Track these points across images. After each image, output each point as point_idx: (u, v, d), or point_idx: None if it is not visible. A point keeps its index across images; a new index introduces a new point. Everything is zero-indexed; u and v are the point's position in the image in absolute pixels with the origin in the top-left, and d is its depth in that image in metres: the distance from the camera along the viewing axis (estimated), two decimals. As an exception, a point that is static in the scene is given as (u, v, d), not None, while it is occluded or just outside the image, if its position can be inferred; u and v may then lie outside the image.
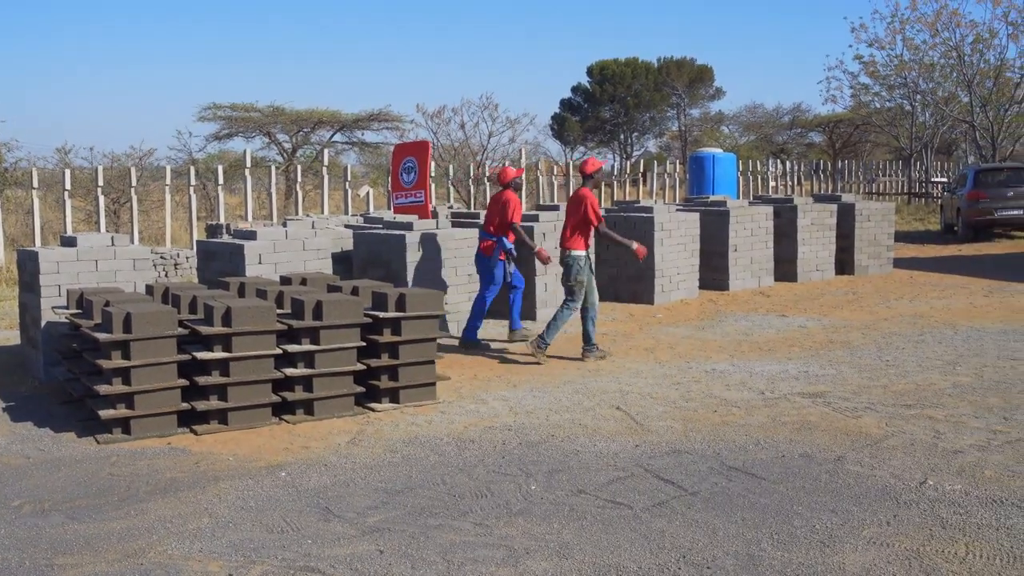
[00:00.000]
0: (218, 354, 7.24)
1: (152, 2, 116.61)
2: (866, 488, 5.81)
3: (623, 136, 61.65)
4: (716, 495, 5.73)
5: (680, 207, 15.69)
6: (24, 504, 5.80)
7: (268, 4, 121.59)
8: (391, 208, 15.14)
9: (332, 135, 35.52)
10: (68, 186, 17.99)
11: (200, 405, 7.23)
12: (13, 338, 11.05)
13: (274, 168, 23.48)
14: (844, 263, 16.85)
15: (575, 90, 62.74)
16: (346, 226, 13.24)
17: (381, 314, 7.89)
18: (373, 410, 7.85)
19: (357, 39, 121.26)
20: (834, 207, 16.63)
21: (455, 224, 12.60)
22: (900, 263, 18.15)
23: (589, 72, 61.47)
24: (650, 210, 13.97)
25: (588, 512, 5.48)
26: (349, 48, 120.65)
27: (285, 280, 9.15)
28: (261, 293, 8.32)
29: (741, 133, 57.83)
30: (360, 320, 7.77)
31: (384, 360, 7.94)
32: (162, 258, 17.60)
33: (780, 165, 36.28)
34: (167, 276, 17.51)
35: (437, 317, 8.15)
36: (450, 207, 18.47)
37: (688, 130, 56.02)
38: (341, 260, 11.75)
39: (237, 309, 7.27)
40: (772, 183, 34.69)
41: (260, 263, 10.10)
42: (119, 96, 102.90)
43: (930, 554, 4.81)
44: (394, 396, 8.01)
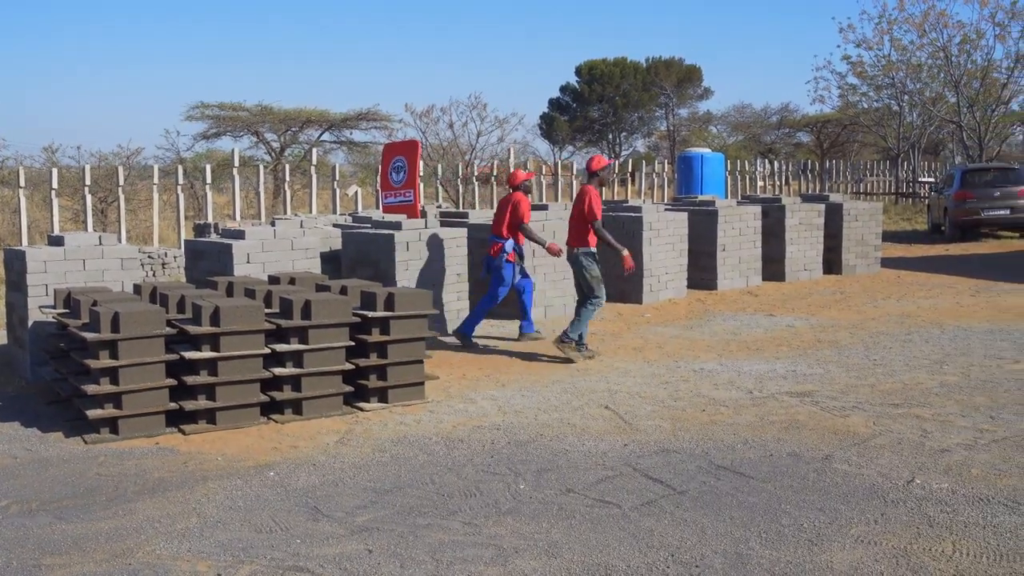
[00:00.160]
0: (206, 354, 7.22)
1: (141, 2, 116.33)
2: (854, 487, 5.83)
3: (612, 136, 61.68)
4: (705, 494, 5.75)
5: (668, 207, 15.71)
6: (11, 504, 5.78)
7: (257, 4, 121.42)
8: (380, 207, 15.13)
9: (320, 134, 35.47)
10: (55, 185, 17.91)
11: (188, 405, 7.22)
12: (0, 338, 11.01)
13: (262, 167, 23.41)
14: (832, 263, 16.90)
15: (564, 90, 62.78)
16: (334, 225, 13.22)
17: (370, 313, 7.89)
18: (362, 410, 7.85)
19: (346, 38, 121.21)
20: (822, 207, 16.67)
21: (443, 224, 12.59)
22: (887, 263, 18.21)
23: (578, 72, 61.51)
24: (639, 210, 13.98)
25: (577, 511, 5.49)
26: (338, 47, 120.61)
27: (273, 279, 9.13)
28: (249, 292, 8.30)
29: (729, 133, 57.95)
30: (349, 320, 7.76)
31: (373, 360, 7.93)
32: (150, 257, 17.56)
33: (768, 165, 36.35)
34: (154, 275, 17.47)
35: (426, 316, 8.15)
36: (438, 207, 18.45)
37: (676, 130, 56.10)
38: (329, 259, 11.73)
39: (225, 309, 7.26)
40: (760, 183, 34.76)
41: (248, 262, 10.07)
42: (107, 95, 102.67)
43: (917, 552, 4.83)
44: (383, 396, 8.01)
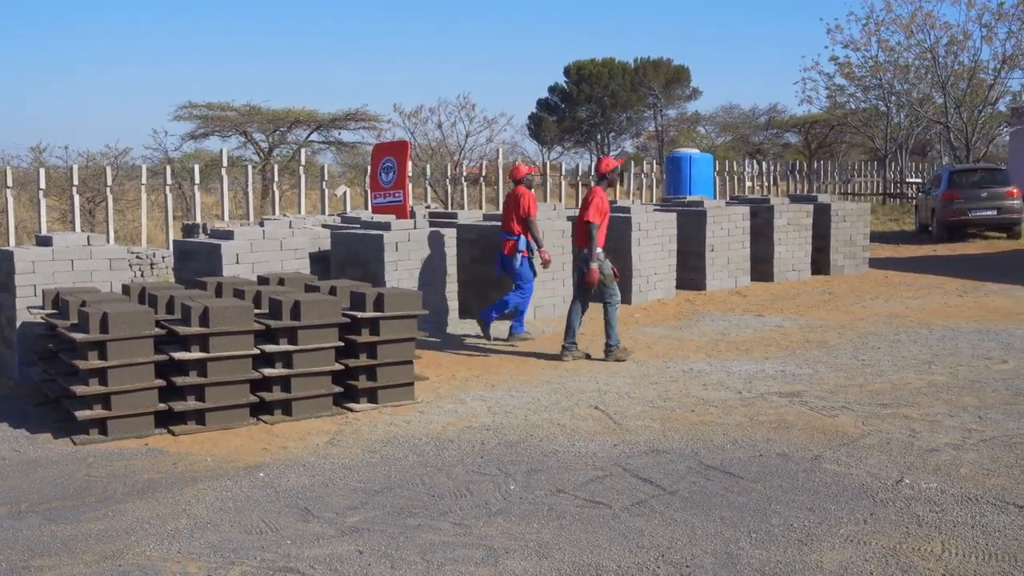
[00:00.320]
0: (196, 354, 7.21)
1: (129, 2, 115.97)
2: (843, 486, 5.85)
3: (600, 136, 61.69)
4: (694, 494, 5.76)
5: (657, 207, 15.74)
6: (0, 506, 5.76)
7: (246, 4, 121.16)
8: (369, 208, 15.12)
9: (309, 134, 35.39)
10: (43, 185, 17.85)
11: (178, 406, 7.20)
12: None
13: (250, 167, 23.36)
14: (820, 263, 16.94)
15: (552, 90, 62.75)
16: (323, 226, 13.22)
17: (359, 314, 7.88)
18: (351, 410, 7.84)
19: (335, 39, 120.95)
20: (810, 207, 16.71)
21: (432, 225, 12.59)
22: (875, 263, 18.27)
23: (566, 72, 61.50)
24: (627, 210, 14.00)
25: (567, 512, 5.50)
26: (327, 47, 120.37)
27: (263, 280, 9.12)
28: (239, 293, 8.29)
29: (717, 133, 58.04)
30: (338, 320, 7.75)
31: (362, 360, 7.93)
32: (138, 258, 17.51)
33: (756, 165, 36.42)
34: (143, 276, 17.42)
35: (415, 317, 8.15)
36: (427, 207, 18.45)
37: (665, 130, 56.14)
38: (318, 260, 11.72)
39: (215, 309, 7.24)
40: (748, 183, 34.84)
41: (237, 263, 10.06)
42: (94, 95, 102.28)
43: (906, 552, 4.85)
44: (372, 396, 8.01)
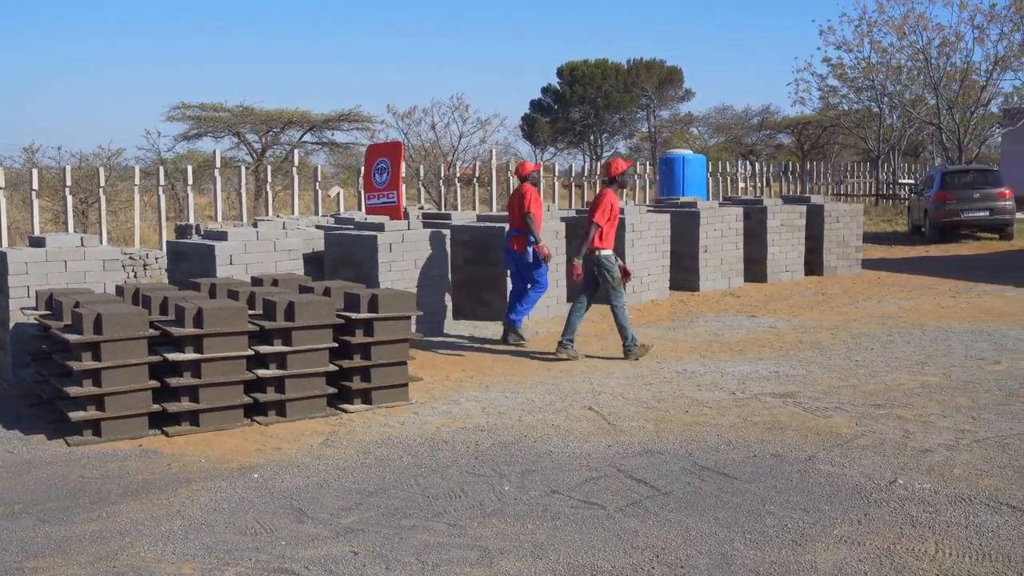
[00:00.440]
0: (189, 355, 7.20)
1: (121, 2, 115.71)
2: (837, 487, 5.86)
3: (593, 137, 61.75)
4: (689, 495, 5.77)
5: (651, 208, 15.74)
6: (-7, 507, 5.75)
7: (238, 5, 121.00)
8: (362, 208, 15.11)
9: (302, 135, 35.38)
10: (35, 186, 17.83)
11: (171, 407, 7.19)
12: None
13: (244, 168, 23.35)
14: (813, 264, 16.97)
15: (545, 91, 62.79)
16: (317, 227, 13.21)
17: (353, 315, 7.88)
18: (345, 411, 7.84)
19: (328, 39, 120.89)
20: (803, 208, 16.74)
21: (426, 225, 12.58)
22: (868, 264, 18.30)
23: (559, 73, 61.55)
24: (621, 211, 13.99)
25: (562, 512, 5.50)
26: (320, 48, 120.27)
27: (256, 281, 9.11)
28: (232, 294, 8.28)
29: (710, 134, 58.10)
30: (332, 321, 7.75)
31: (356, 361, 7.92)
32: (131, 259, 17.47)
33: (749, 166, 36.48)
34: (136, 277, 17.38)
35: (409, 318, 8.15)
36: (421, 208, 18.44)
37: (658, 131, 56.18)
38: (312, 261, 11.71)
39: (209, 310, 7.24)
40: (741, 184, 34.88)
41: (231, 264, 10.05)
42: (87, 96, 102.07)
43: (901, 552, 4.86)
44: (366, 397, 8.00)
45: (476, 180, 25.74)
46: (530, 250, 10.69)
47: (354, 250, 11.28)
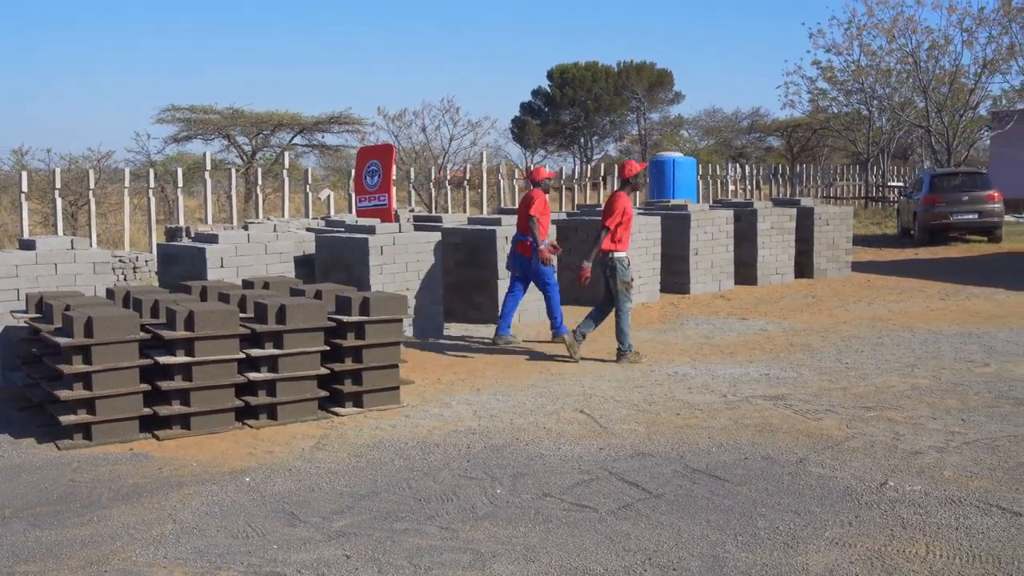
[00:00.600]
0: (181, 358, 7.19)
1: (110, 3, 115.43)
2: (828, 489, 5.88)
3: (583, 140, 61.83)
4: (680, 497, 5.78)
5: (641, 211, 15.78)
6: (-16, 511, 5.73)
7: (228, 7, 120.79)
8: (352, 211, 15.10)
9: (292, 138, 35.36)
10: (25, 188, 17.77)
11: (163, 410, 7.18)
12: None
13: (234, 171, 23.31)
14: (803, 266, 17.02)
15: (535, 93, 62.86)
16: (307, 229, 13.19)
17: (345, 318, 7.88)
18: (337, 414, 7.83)
19: (318, 42, 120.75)
20: (793, 211, 16.78)
21: (416, 228, 12.58)
22: (858, 266, 18.36)
23: (549, 76, 61.62)
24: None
25: (554, 515, 5.51)
26: (310, 50, 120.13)
27: (247, 284, 9.11)
28: (224, 297, 8.27)
29: (700, 137, 58.22)
30: (324, 324, 7.74)
31: (348, 364, 7.92)
32: (121, 262, 17.42)
33: (739, 169, 36.54)
34: (125, 280, 17.33)
35: (401, 321, 8.14)
36: (411, 211, 18.44)
37: (648, 134, 56.26)
38: (303, 263, 11.70)
39: (200, 313, 7.23)
40: (731, 187, 34.94)
41: (222, 267, 10.04)
42: (77, 98, 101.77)
43: (891, 554, 4.88)
44: (358, 400, 8.00)
45: (467, 183, 25.73)
46: (537, 257, 10.72)
47: (345, 253, 11.27)
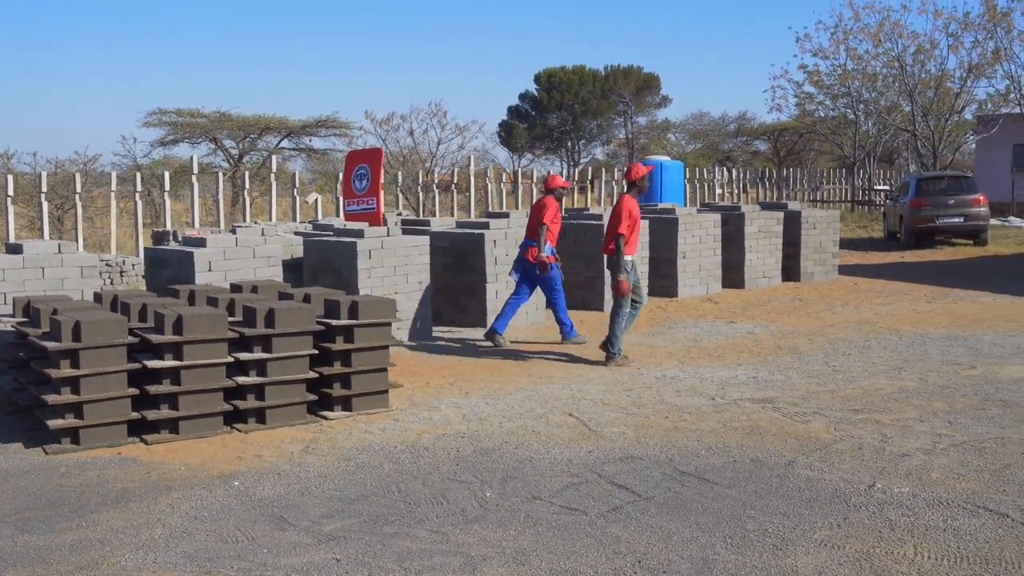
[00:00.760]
0: (169, 362, 7.17)
1: (95, 5, 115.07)
2: (816, 491, 5.90)
3: (570, 143, 61.88)
4: (670, 500, 5.79)
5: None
6: (-29, 516, 5.71)
7: (215, 10, 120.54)
8: (340, 215, 15.09)
9: (279, 141, 35.33)
10: (11, 192, 17.70)
11: (151, 414, 7.16)
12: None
13: (221, 174, 23.26)
14: (790, 270, 17.06)
15: (523, 97, 62.89)
16: (296, 233, 13.18)
17: (334, 322, 7.87)
18: (326, 418, 7.82)
19: (306, 45, 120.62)
20: (780, 215, 16.83)
21: (405, 232, 12.58)
22: (845, 270, 18.42)
23: (537, 79, 61.67)
24: (599, 217, 14.04)
25: (543, 518, 5.51)
26: (297, 54, 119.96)
27: (236, 288, 9.09)
28: (212, 301, 8.25)
29: (687, 141, 58.38)
30: (312, 328, 7.74)
31: (337, 368, 7.91)
32: (108, 265, 17.36)
33: (726, 173, 36.63)
34: (112, 284, 17.27)
35: (389, 324, 8.14)
36: (399, 214, 18.43)
37: (635, 138, 56.32)
38: (291, 267, 11.69)
39: (188, 317, 7.21)
40: (718, 191, 35.03)
41: (210, 270, 10.02)
42: (63, 101, 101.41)
43: (880, 555, 4.90)
44: (347, 404, 7.99)
45: (454, 186, 25.74)
46: (543, 259, 10.92)
47: (333, 256, 11.26)
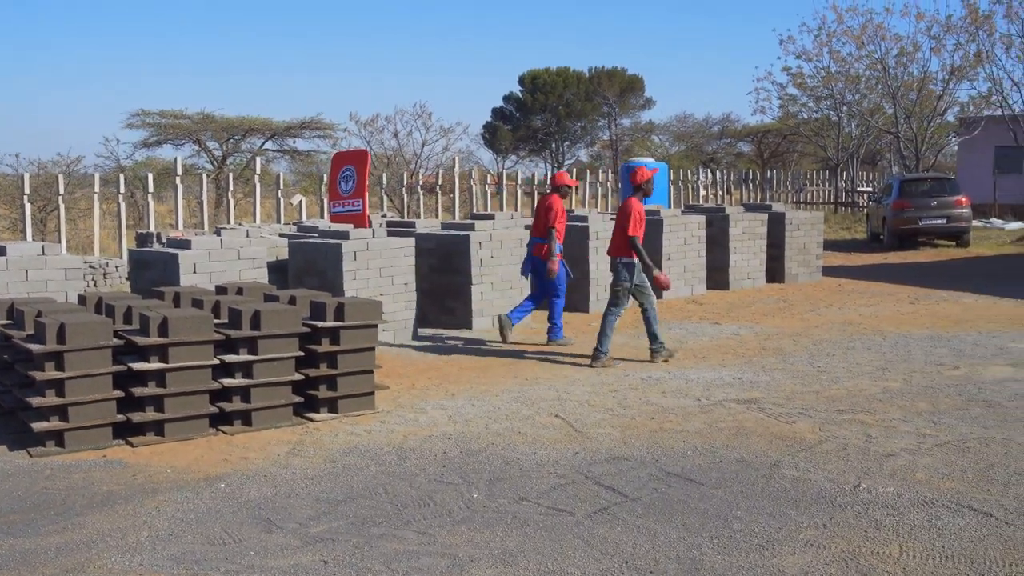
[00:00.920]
0: (154, 365, 7.15)
1: (80, 6, 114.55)
2: (802, 492, 5.92)
3: (555, 145, 61.93)
4: (656, 501, 5.81)
5: (613, 216, 15.79)
6: (-44, 519, 5.68)
7: (198, 11, 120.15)
8: (324, 216, 15.07)
9: (263, 143, 35.26)
10: (-7, 194, 17.64)
11: (136, 417, 7.13)
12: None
13: (205, 176, 23.21)
14: (774, 271, 17.11)
15: (507, 99, 62.91)
16: (280, 235, 13.16)
17: (320, 324, 7.86)
18: (312, 420, 7.81)
19: (290, 46, 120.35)
20: (765, 216, 16.88)
21: (390, 234, 12.57)
22: (828, 271, 18.49)
23: (521, 81, 61.69)
24: (584, 219, 14.07)
25: (531, 519, 5.52)
26: (281, 55, 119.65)
27: (221, 290, 9.06)
28: (197, 303, 8.23)
29: (672, 142, 58.54)
30: (298, 330, 7.72)
31: (323, 370, 7.90)
32: (91, 267, 17.30)
33: (710, 175, 36.75)
34: (96, 286, 17.21)
35: (376, 326, 8.13)
36: (384, 216, 18.42)
37: (619, 139, 56.44)
38: (276, 269, 11.66)
39: (174, 319, 7.19)
40: (702, 192, 35.13)
41: (195, 272, 9.99)
42: (45, 102, 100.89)
43: (865, 555, 4.92)
44: (333, 406, 7.98)
45: (439, 188, 25.74)
46: (552, 263, 11.02)
47: (319, 258, 11.25)
